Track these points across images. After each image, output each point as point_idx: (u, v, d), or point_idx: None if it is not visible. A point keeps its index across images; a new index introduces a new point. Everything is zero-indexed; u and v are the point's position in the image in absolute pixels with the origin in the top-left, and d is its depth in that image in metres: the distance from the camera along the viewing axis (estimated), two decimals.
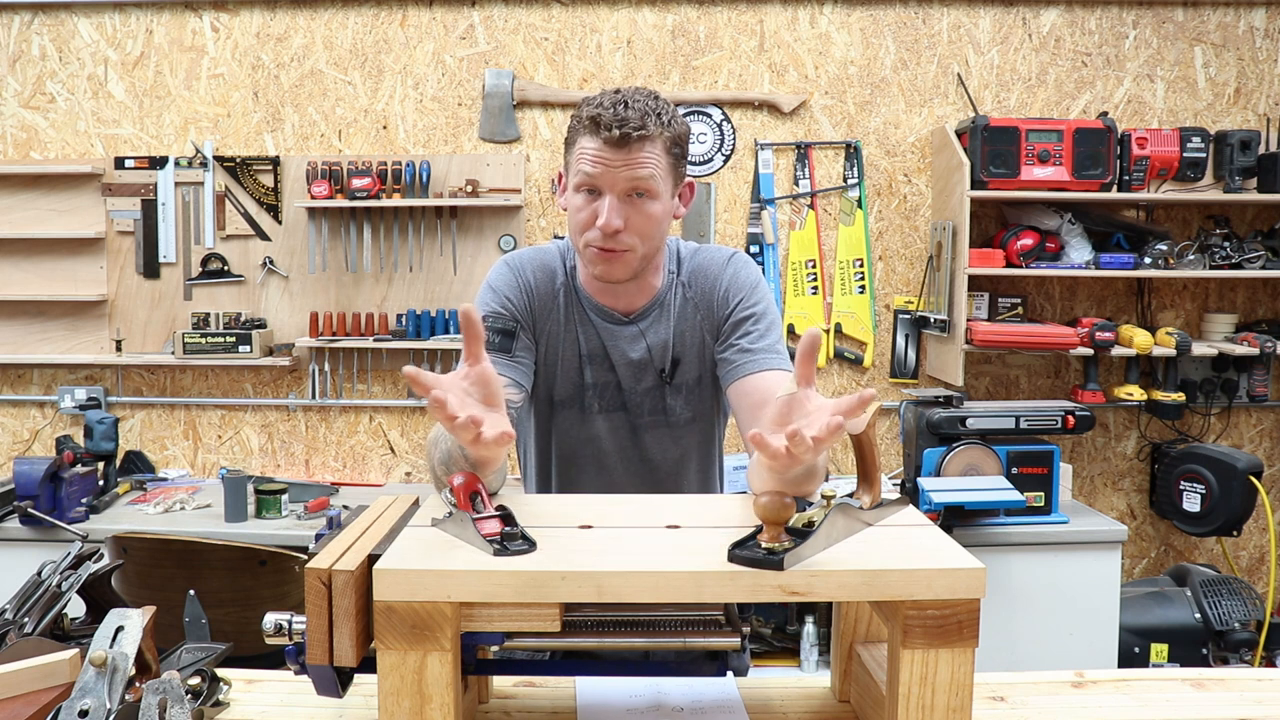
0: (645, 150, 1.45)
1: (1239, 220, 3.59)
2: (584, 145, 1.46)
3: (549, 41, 3.59)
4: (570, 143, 1.51)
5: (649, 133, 1.44)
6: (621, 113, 1.43)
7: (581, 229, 1.50)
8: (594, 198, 1.48)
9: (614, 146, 1.43)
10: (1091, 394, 3.43)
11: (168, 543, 2.40)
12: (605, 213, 1.45)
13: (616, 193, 1.46)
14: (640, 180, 1.46)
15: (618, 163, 1.44)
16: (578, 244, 1.53)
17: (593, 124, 1.44)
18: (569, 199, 1.52)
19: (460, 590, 0.95)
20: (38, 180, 3.62)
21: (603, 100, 1.46)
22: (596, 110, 1.44)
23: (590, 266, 1.54)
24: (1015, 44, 3.58)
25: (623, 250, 1.49)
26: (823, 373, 3.67)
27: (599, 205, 1.47)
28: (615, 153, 1.44)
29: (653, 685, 1.27)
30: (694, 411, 1.65)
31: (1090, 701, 1.26)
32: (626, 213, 1.47)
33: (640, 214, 1.48)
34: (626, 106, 1.44)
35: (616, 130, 1.42)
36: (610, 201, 1.46)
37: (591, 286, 1.61)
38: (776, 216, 3.63)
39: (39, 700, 1.07)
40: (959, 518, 3.02)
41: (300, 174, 3.59)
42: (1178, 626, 3.10)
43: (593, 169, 1.45)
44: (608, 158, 1.44)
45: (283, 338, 3.67)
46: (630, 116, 1.43)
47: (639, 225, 1.48)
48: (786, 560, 0.95)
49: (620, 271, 1.52)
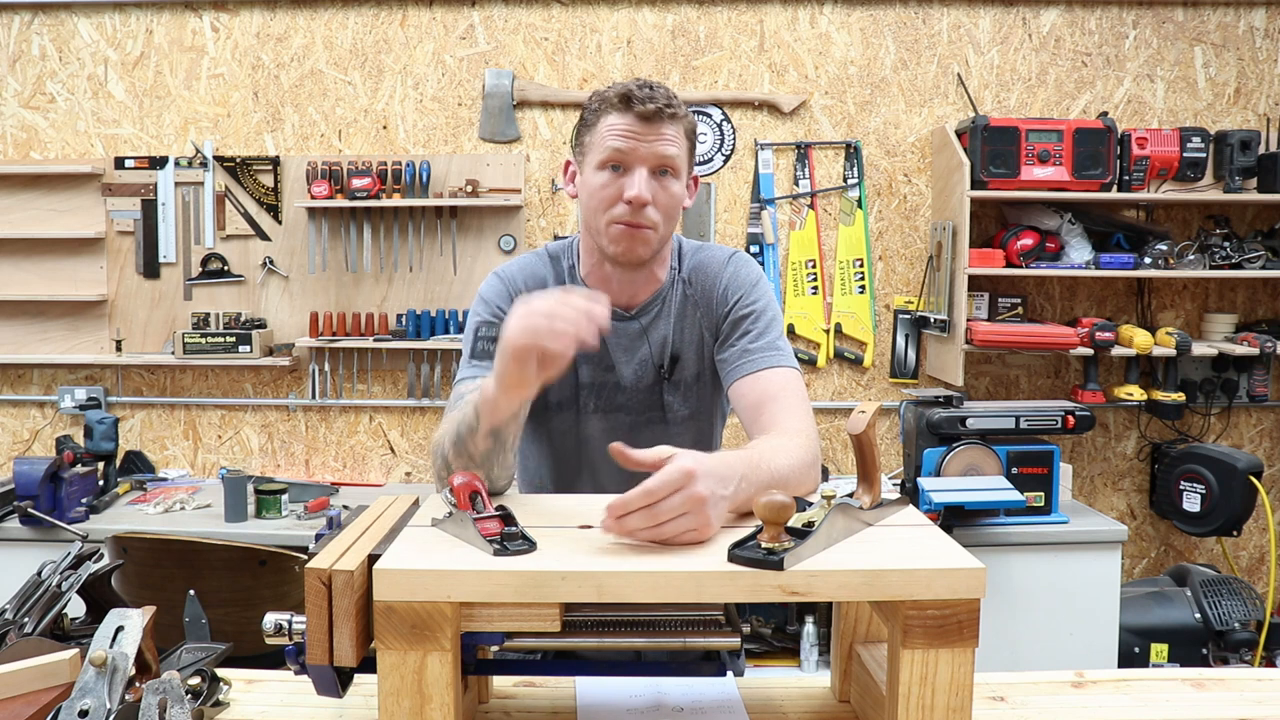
0: (671, 128, 1.48)
1: (1239, 220, 3.59)
2: (611, 122, 1.48)
3: (549, 41, 3.59)
4: (589, 124, 1.52)
5: (675, 112, 1.48)
6: (651, 92, 1.47)
7: (605, 206, 1.50)
8: (619, 174, 1.49)
9: (645, 121, 1.46)
10: (1091, 394, 3.43)
11: (168, 543, 2.40)
12: (636, 185, 1.47)
13: (647, 167, 1.48)
14: (668, 157, 1.48)
15: (650, 136, 1.47)
16: (597, 224, 1.53)
17: (622, 101, 1.47)
18: (589, 178, 1.52)
19: (460, 590, 0.95)
20: (38, 180, 3.62)
21: (625, 85, 1.49)
22: (624, 89, 1.47)
23: (612, 245, 1.53)
24: (1015, 44, 3.58)
25: (648, 226, 1.51)
26: (823, 372, 3.67)
27: (626, 180, 1.48)
28: (646, 127, 1.47)
29: (652, 685, 1.27)
30: (691, 409, 1.65)
31: (1090, 701, 1.26)
32: (653, 189, 1.49)
33: (665, 191, 1.50)
34: (652, 88, 1.48)
35: (650, 105, 1.46)
36: (641, 174, 1.48)
37: (596, 279, 1.61)
38: (776, 216, 3.63)
39: (39, 700, 1.07)
40: (959, 518, 3.02)
41: (300, 174, 3.59)
42: (1178, 626, 3.10)
43: (623, 143, 1.47)
44: (638, 131, 1.47)
45: (283, 338, 3.67)
46: (659, 95, 1.47)
47: (663, 202, 1.50)
48: (786, 560, 0.95)
49: (642, 249, 1.53)
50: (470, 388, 1.50)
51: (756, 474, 1.17)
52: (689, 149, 1.54)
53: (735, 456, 1.16)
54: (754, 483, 1.15)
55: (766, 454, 1.24)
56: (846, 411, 3.62)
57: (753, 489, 1.15)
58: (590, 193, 1.52)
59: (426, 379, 3.65)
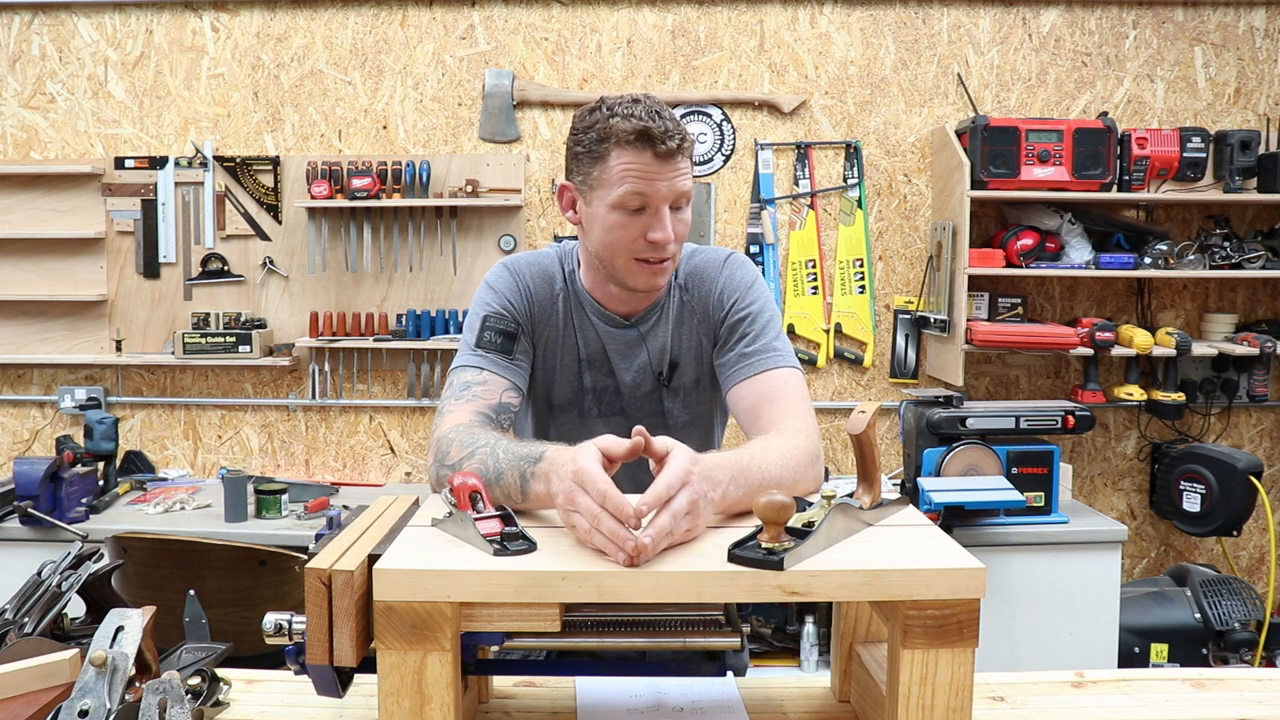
0: (683, 160, 1.44)
1: (1239, 220, 3.59)
2: (626, 161, 1.40)
3: (549, 41, 3.59)
4: (598, 157, 1.43)
5: (686, 143, 1.43)
6: (666, 125, 1.40)
7: (628, 244, 1.46)
8: (639, 214, 1.44)
9: (664, 159, 1.40)
10: (1091, 394, 3.43)
11: (168, 543, 2.40)
12: (666, 227, 1.44)
13: (669, 204, 1.44)
14: (686, 191, 1.45)
15: (670, 174, 1.42)
16: (615, 260, 1.49)
17: (640, 138, 1.39)
18: (603, 216, 1.45)
19: (460, 590, 0.95)
20: (38, 180, 3.62)
21: (634, 110, 1.40)
22: (641, 125, 1.39)
23: (632, 280, 1.50)
24: (1015, 44, 3.58)
25: (669, 259, 1.49)
26: (822, 373, 3.67)
27: (651, 221, 1.44)
28: (666, 165, 1.41)
29: (652, 685, 1.27)
30: (692, 414, 1.65)
31: (1090, 701, 1.26)
32: (672, 222, 1.45)
33: (681, 222, 1.48)
34: (661, 117, 1.40)
35: (672, 143, 1.40)
36: (666, 214, 1.44)
37: (597, 290, 1.60)
38: (776, 216, 3.63)
39: (39, 700, 1.07)
40: (959, 518, 3.02)
41: (300, 174, 3.59)
42: (1178, 626, 3.10)
43: (645, 186, 1.41)
44: (659, 171, 1.41)
45: (283, 338, 3.67)
46: (672, 128, 1.40)
47: (680, 233, 1.48)
48: (786, 560, 0.95)
49: (663, 280, 1.52)
50: (475, 379, 1.49)
51: (745, 476, 1.16)
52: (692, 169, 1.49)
53: (725, 458, 1.16)
54: (742, 485, 1.15)
55: (758, 455, 1.23)
56: (846, 411, 3.62)
57: (740, 491, 1.15)
58: (606, 229, 1.46)
59: (426, 379, 3.65)
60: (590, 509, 1.00)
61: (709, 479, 1.08)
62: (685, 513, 1.02)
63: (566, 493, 1.03)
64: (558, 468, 1.09)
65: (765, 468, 1.21)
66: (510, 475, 1.20)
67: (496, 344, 1.53)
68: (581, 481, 1.02)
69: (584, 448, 1.07)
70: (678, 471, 1.03)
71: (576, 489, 1.02)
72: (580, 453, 1.06)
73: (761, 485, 1.17)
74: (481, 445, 1.28)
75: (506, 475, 1.20)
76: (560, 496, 1.05)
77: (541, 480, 1.14)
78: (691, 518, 1.03)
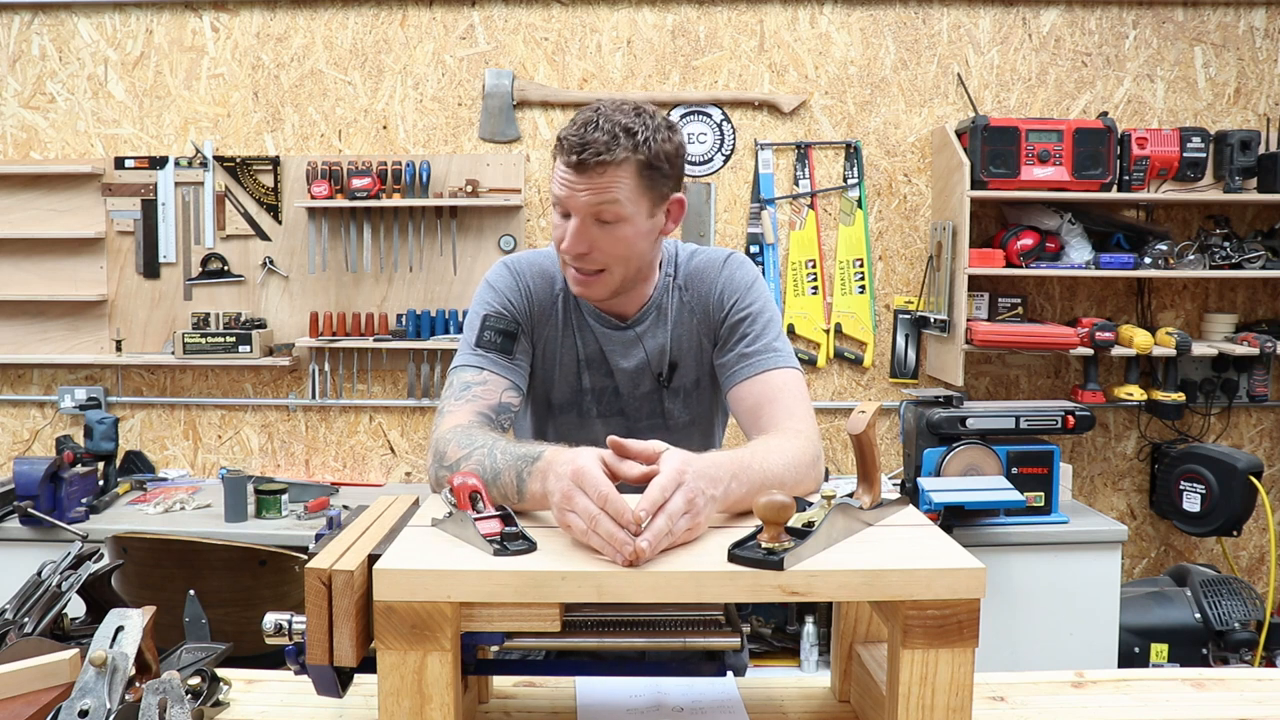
0: (608, 175, 1.40)
1: (1239, 220, 3.59)
2: (558, 166, 1.44)
3: (549, 41, 3.59)
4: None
5: (612, 158, 1.39)
6: (588, 135, 1.39)
7: (556, 247, 1.50)
8: (567, 219, 1.46)
9: (575, 170, 1.41)
10: (1091, 394, 3.43)
11: (168, 543, 2.40)
12: (570, 235, 1.45)
13: (581, 216, 1.43)
14: (603, 206, 1.42)
15: (580, 186, 1.41)
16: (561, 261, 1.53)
17: (561, 145, 1.42)
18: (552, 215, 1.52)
19: (460, 590, 0.95)
20: (38, 180, 3.62)
21: (579, 118, 1.43)
22: (570, 130, 1.41)
23: (570, 283, 1.54)
24: (1015, 44, 3.58)
25: (595, 271, 1.48)
26: (822, 373, 3.67)
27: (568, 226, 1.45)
28: (578, 176, 1.41)
29: (652, 685, 1.27)
30: (692, 415, 1.65)
31: (1090, 701, 1.26)
32: (594, 236, 1.44)
33: (609, 237, 1.45)
34: (595, 128, 1.40)
35: (575, 155, 1.40)
36: (574, 225, 1.44)
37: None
38: (776, 216, 3.63)
39: (39, 700, 1.07)
40: (959, 518, 3.02)
41: (300, 174, 3.59)
42: (1178, 626, 3.10)
43: (560, 191, 1.44)
44: (571, 181, 1.42)
45: (283, 338, 3.67)
46: (595, 140, 1.39)
47: (608, 248, 1.46)
48: (786, 560, 0.95)
49: (596, 292, 1.52)
50: (475, 379, 1.50)
51: (747, 474, 1.16)
52: (645, 185, 1.43)
53: (726, 456, 1.16)
54: (745, 482, 1.15)
55: (759, 454, 1.23)
56: (846, 411, 3.62)
57: (744, 489, 1.15)
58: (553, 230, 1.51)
59: (426, 379, 3.65)
60: (588, 510, 1.00)
61: (707, 477, 1.08)
62: (683, 513, 1.02)
63: (563, 491, 1.03)
64: (555, 467, 1.09)
65: (768, 466, 1.21)
66: (507, 475, 1.20)
67: (496, 344, 1.53)
68: (581, 482, 1.02)
69: (584, 449, 1.08)
70: (671, 473, 1.03)
71: (574, 489, 1.02)
72: (580, 454, 1.06)
73: (764, 483, 1.17)
74: (479, 446, 1.28)
75: (504, 475, 1.21)
76: (556, 495, 1.05)
77: (538, 479, 1.15)
78: (690, 517, 1.03)
